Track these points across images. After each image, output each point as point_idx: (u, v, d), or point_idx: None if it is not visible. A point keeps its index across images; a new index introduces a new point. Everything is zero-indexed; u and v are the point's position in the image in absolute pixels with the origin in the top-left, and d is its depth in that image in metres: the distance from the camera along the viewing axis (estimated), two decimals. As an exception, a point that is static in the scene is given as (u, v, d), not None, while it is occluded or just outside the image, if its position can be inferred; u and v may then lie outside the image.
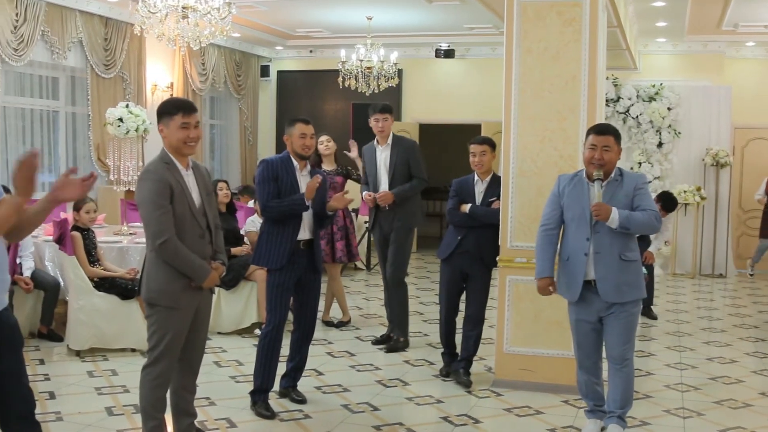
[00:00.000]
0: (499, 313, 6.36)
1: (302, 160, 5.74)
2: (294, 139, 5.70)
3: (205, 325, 4.85)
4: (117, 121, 8.56)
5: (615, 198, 4.96)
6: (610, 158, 4.99)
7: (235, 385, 6.34)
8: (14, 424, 3.54)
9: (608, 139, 4.98)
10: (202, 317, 4.77)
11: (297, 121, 5.75)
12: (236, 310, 7.97)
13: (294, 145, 5.71)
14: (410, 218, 7.59)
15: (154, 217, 4.41)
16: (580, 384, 5.33)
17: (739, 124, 13.19)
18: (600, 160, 4.96)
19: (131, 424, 5.31)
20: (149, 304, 4.56)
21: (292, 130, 5.71)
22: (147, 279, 4.56)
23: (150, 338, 4.57)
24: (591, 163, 5.00)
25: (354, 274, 12.12)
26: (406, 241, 7.58)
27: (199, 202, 4.61)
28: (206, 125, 14.67)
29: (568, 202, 5.12)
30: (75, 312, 6.92)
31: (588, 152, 5.02)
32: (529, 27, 6.19)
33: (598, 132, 5.04)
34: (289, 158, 5.73)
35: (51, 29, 10.42)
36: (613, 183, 5.02)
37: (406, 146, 7.60)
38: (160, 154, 4.58)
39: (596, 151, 4.97)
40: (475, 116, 14.40)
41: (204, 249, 4.63)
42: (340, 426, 5.46)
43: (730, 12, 10.99)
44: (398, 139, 7.63)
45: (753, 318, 9.49)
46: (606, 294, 4.98)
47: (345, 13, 12.42)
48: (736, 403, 6.07)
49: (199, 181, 4.67)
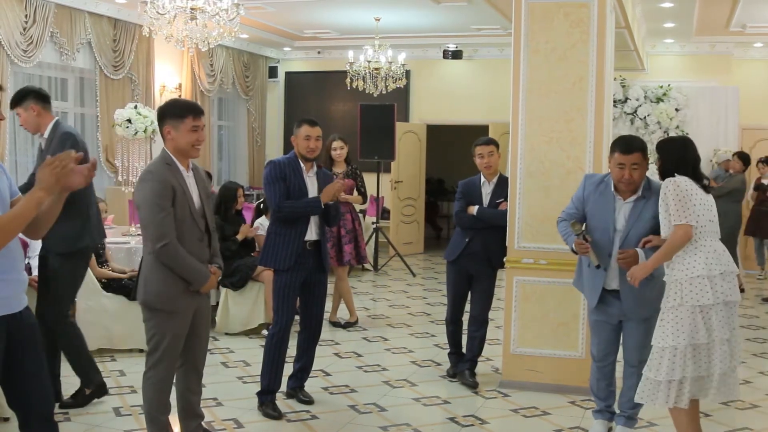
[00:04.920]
0: (506, 314, 6.37)
1: (308, 162, 5.74)
2: (299, 140, 5.70)
3: (205, 326, 4.81)
4: (125, 122, 8.59)
5: (641, 218, 4.88)
6: (640, 175, 4.89)
7: (243, 385, 6.36)
8: (34, 423, 3.55)
9: (636, 157, 4.85)
10: (202, 319, 4.73)
11: (303, 122, 5.75)
12: (244, 311, 7.99)
13: (299, 147, 5.71)
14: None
15: (155, 220, 4.36)
16: (593, 383, 5.33)
17: (746, 125, 13.16)
18: (630, 179, 4.87)
19: (138, 424, 5.32)
20: (147, 308, 4.51)
21: (297, 132, 5.72)
22: (145, 282, 4.50)
23: (149, 342, 4.54)
24: (620, 182, 4.90)
25: (361, 275, 12.12)
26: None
27: (198, 204, 4.58)
28: (214, 126, 14.70)
29: (592, 211, 5.07)
30: (83, 313, 6.94)
31: (617, 172, 4.90)
32: (537, 28, 6.19)
33: (624, 150, 4.86)
34: (295, 159, 5.73)
35: (60, 31, 10.46)
36: (640, 201, 4.92)
37: None
38: (162, 155, 4.53)
39: (625, 171, 4.84)
40: (482, 117, 14.39)
41: (202, 252, 4.61)
42: (347, 426, 5.47)
43: (738, 13, 10.98)
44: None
45: (761, 319, 9.47)
46: (629, 309, 4.99)
47: (353, 14, 12.44)
48: (744, 403, 6.06)
49: (199, 183, 4.64)
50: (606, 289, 5.03)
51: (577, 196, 5.16)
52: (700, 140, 12.30)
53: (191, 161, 4.63)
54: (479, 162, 6.37)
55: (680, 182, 4.60)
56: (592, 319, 5.23)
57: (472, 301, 6.48)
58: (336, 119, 15.39)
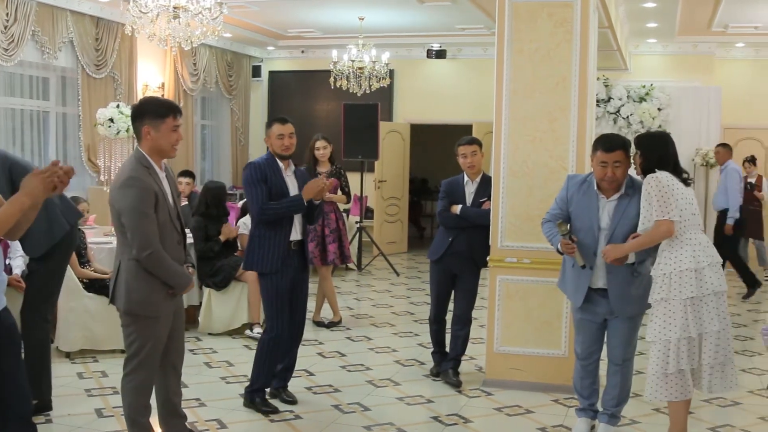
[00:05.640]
0: (489, 313, 6.37)
1: (284, 160, 5.72)
2: (272, 140, 5.67)
3: (181, 327, 4.78)
4: (108, 122, 8.55)
5: (626, 216, 4.90)
6: (622, 173, 4.91)
7: (226, 385, 6.33)
8: (12, 424, 3.52)
9: (618, 155, 4.86)
10: (178, 320, 4.70)
11: (274, 121, 5.72)
12: (227, 311, 7.96)
13: (273, 146, 5.68)
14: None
15: (139, 227, 4.27)
16: (577, 381, 5.35)
17: (728, 125, 13.24)
18: (612, 177, 4.89)
19: (121, 425, 5.28)
20: (129, 314, 4.43)
21: (269, 132, 5.69)
22: (126, 290, 4.38)
23: (129, 347, 4.48)
24: (603, 180, 4.93)
25: (345, 275, 12.11)
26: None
27: (173, 205, 4.52)
28: (197, 126, 14.65)
29: (576, 211, 5.07)
30: (65, 313, 6.89)
31: (599, 170, 4.92)
32: (521, 27, 6.20)
33: (607, 149, 4.88)
34: (273, 159, 5.69)
35: (41, 29, 10.38)
36: (624, 199, 4.94)
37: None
38: (137, 156, 4.39)
39: (608, 169, 4.87)
40: (466, 117, 14.41)
41: (180, 254, 4.58)
42: (330, 426, 5.46)
43: (720, 13, 11.03)
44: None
45: (742, 317, 9.53)
46: (617, 307, 5.00)
47: (337, 14, 12.42)
48: (726, 401, 6.09)
49: (171, 182, 4.58)
50: (592, 288, 5.04)
51: (561, 197, 5.17)
52: (683, 140, 12.39)
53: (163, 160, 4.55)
54: (462, 162, 6.37)
55: (662, 178, 4.66)
56: (577, 318, 5.24)
57: (455, 300, 6.49)
58: (320, 119, 15.38)
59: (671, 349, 4.60)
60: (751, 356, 7.60)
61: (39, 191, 3.27)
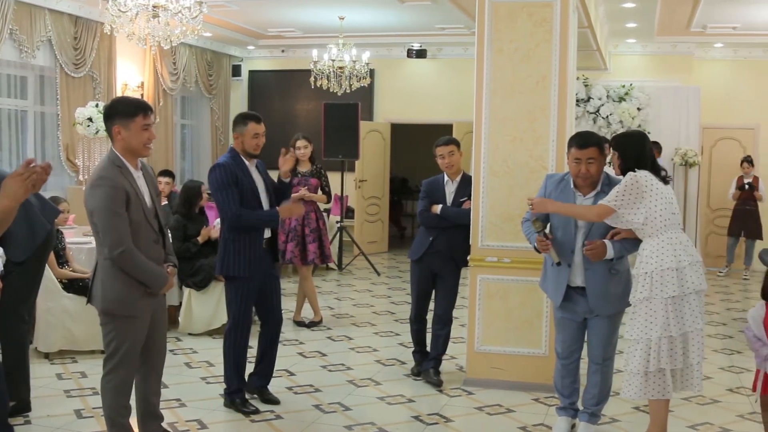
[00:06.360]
0: (470, 312, 6.38)
1: (251, 158, 5.67)
2: (246, 138, 5.60)
3: (163, 327, 4.77)
4: (86, 121, 8.52)
5: None
6: (596, 170, 4.94)
7: (206, 386, 6.31)
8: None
9: (592, 151, 4.90)
10: (159, 320, 4.69)
11: (249, 119, 5.64)
12: (207, 311, 7.92)
13: (246, 144, 5.61)
14: None
15: (111, 226, 4.26)
16: (557, 380, 5.37)
17: (707, 125, 13.32)
18: (586, 173, 4.92)
19: (100, 426, 5.26)
20: (106, 313, 4.43)
21: (244, 129, 5.60)
22: (102, 289, 4.39)
23: (107, 346, 4.47)
24: (578, 177, 4.97)
25: (326, 274, 12.09)
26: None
27: (150, 204, 4.51)
28: (177, 125, 14.58)
29: None
30: (43, 314, 6.85)
31: (573, 166, 4.96)
32: (501, 27, 6.21)
33: (580, 145, 4.93)
34: (239, 158, 5.62)
35: (19, 28, 10.29)
36: (601, 196, 4.95)
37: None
38: (110, 156, 4.40)
39: (582, 165, 4.91)
40: (446, 116, 14.42)
41: (158, 254, 4.56)
42: (311, 426, 5.45)
43: (699, 13, 11.10)
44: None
45: (721, 315, 9.59)
46: (596, 306, 5.03)
47: (317, 13, 12.40)
48: (704, 399, 6.13)
49: (149, 182, 4.57)
50: (571, 286, 5.07)
51: (539, 196, 5.19)
52: (662, 139, 12.50)
53: (140, 160, 4.54)
54: (441, 162, 6.37)
55: (641, 177, 4.69)
56: (558, 316, 5.26)
57: (436, 300, 6.49)
58: (300, 118, 15.36)
59: (652, 348, 4.63)
60: (730, 354, 7.65)
61: (19, 194, 3.26)
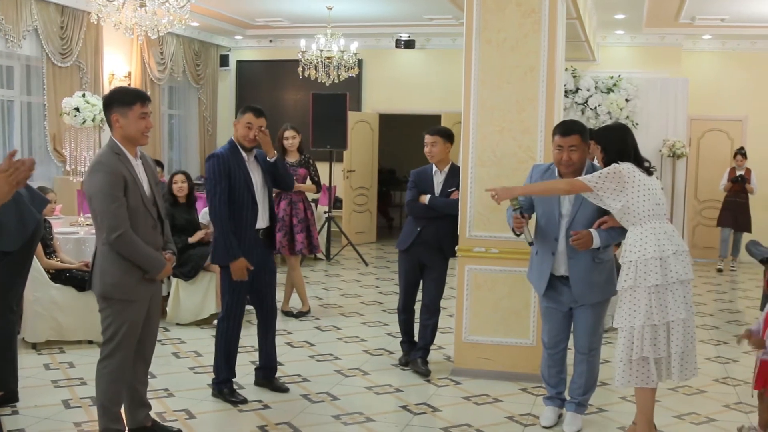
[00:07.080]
0: (457, 303, 6.40)
1: (248, 150, 5.63)
2: (239, 127, 5.58)
3: (157, 315, 4.81)
4: (73, 111, 8.46)
5: (586, 201, 4.93)
6: (579, 157, 4.96)
7: (194, 376, 6.31)
8: None
9: (574, 139, 4.94)
10: (154, 307, 4.74)
11: (248, 109, 5.60)
12: (195, 301, 7.92)
13: (238, 134, 5.59)
14: None
15: (108, 210, 4.33)
16: (544, 370, 5.39)
17: (695, 116, 13.36)
18: (568, 160, 4.95)
19: (88, 416, 5.26)
20: (104, 298, 4.48)
21: (240, 117, 5.59)
22: (101, 273, 4.46)
23: (105, 331, 4.51)
24: (560, 164, 5.00)
25: (314, 264, 12.10)
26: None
27: (149, 192, 4.57)
28: (164, 115, 14.53)
29: (539, 199, 5.16)
30: (31, 304, 6.83)
31: (556, 153, 5.00)
32: (489, 18, 6.21)
33: (563, 133, 4.97)
34: (236, 149, 5.59)
35: (5, 17, 10.22)
36: None
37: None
38: (110, 144, 4.49)
39: (563, 153, 4.94)
40: (435, 106, 14.42)
41: (156, 240, 4.61)
42: (299, 416, 5.46)
43: (687, 5, 11.12)
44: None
45: (708, 306, 9.64)
46: (579, 295, 5.05)
47: (305, 3, 12.36)
48: (691, 389, 6.16)
49: (148, 170, 4.62)
50: (555, 275, 5.09)
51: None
52: (650, 131, 12.56)
53: (139, 149, 4.60)
54: (425, 150, 6.40)
55: (624, 168, 4.71)
56: (543, 306, 5.28)
57: (424, 290, 6.50)
58: (288, 108, 15.31)
59: (635, 336, 4.66)
60: (716, 345, 7.69)
61: (5, 191, 3.26)
